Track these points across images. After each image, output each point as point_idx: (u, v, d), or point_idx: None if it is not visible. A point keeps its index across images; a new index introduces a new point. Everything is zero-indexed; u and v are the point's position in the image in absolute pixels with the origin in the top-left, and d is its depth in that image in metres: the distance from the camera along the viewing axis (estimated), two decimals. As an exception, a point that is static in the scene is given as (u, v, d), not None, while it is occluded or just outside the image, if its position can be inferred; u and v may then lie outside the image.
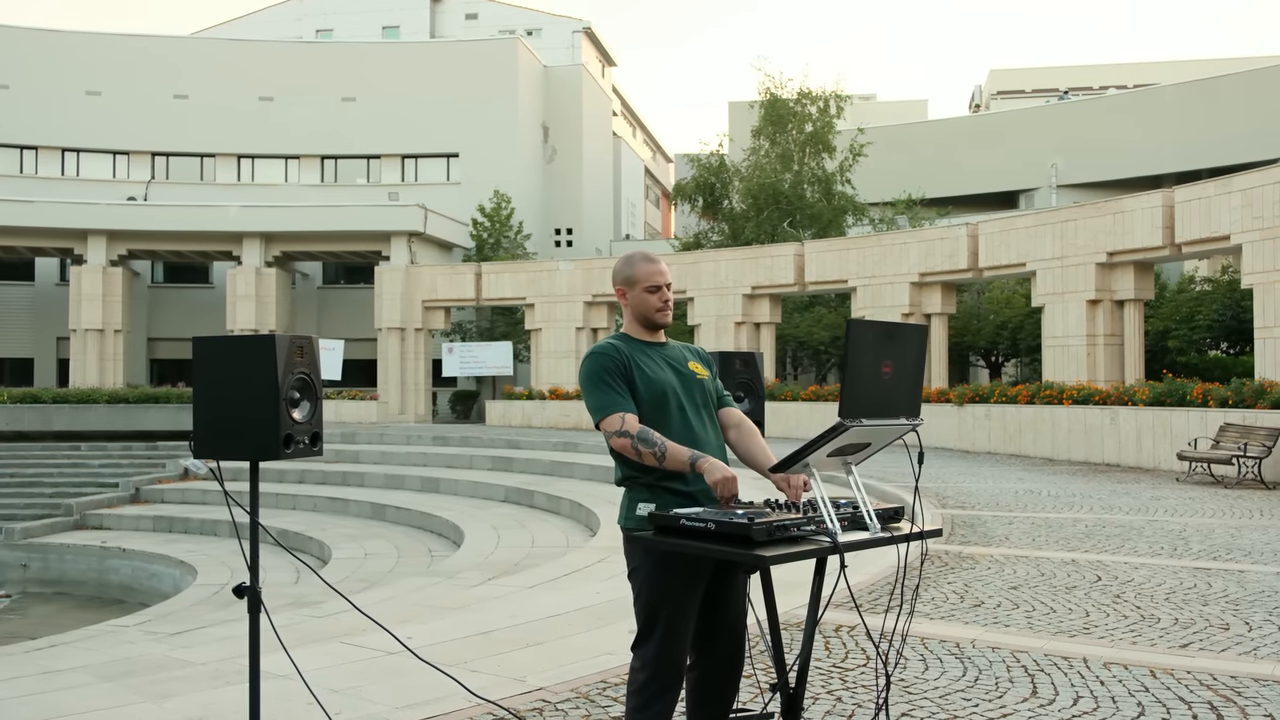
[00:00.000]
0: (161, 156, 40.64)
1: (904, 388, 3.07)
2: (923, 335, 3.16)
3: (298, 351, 3.59)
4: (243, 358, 3.58)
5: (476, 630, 6.45)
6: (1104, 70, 56.87)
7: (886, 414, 3.01)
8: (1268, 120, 35.98)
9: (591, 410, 3.41)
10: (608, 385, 3.38)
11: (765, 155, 36.64)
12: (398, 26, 51.32)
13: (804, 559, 2.86)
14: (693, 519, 2.98)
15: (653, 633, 3.33)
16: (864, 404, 2.91)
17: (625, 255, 3.70)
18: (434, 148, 40.40)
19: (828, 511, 2.90)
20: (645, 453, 3.26)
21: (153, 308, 38.65)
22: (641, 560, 3.35)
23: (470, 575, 11.13)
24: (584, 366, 3.47)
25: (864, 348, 2.94)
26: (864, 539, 2.97)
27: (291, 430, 3.57)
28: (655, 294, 3.56)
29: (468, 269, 33.27)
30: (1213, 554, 8.61)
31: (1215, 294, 24.57)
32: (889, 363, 2.98)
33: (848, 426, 2.87)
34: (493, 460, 21.54)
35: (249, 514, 3.54)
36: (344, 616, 8.35)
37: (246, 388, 3.54)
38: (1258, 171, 19.49)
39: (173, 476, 23.91)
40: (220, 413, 3.58)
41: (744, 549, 2.79)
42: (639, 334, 3.61)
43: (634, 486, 3.43)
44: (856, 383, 2.91)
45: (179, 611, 12.76)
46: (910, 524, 3.13)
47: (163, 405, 28.68)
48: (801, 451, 2.98)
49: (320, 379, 3.71)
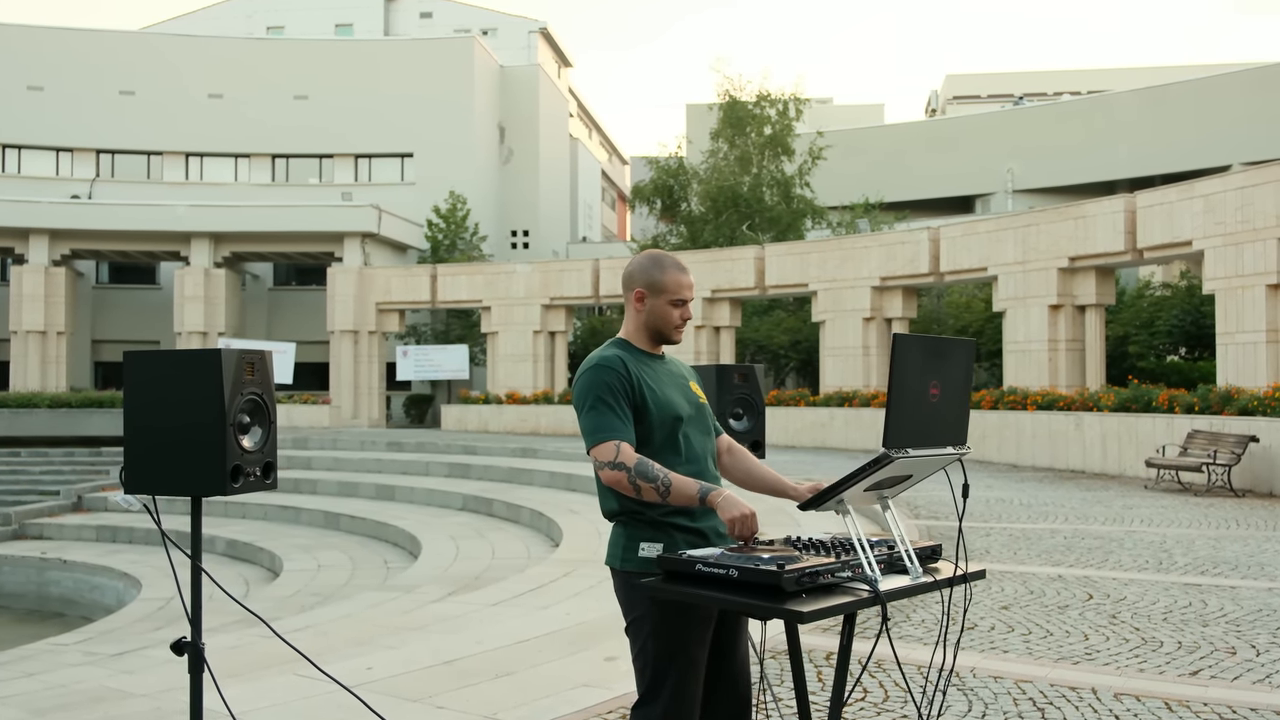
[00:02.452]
0: (107, 154, 39.65)
1: (952, 412, 2.71)
2: (971, 352, 2.81)
3: (247, 368, 3.08)
4: (183, 376, 3.09)
5: (441, 658, 6.03)
6: (1058, 76, 57.31)
7: (933, 442, 2.65)
8: (1219, 128, 36.33)
9: (583, 433, 2.98)
10: (607, 406, 2.94)
11: (724, 158, 36.43)
12: (351, 25, 50.56)
13: (844, 613, 2.48)
14: (710, 564, 2.57)
15: (660, 693, 2.89)
16: (910, 431, 2.55)
17: (653, 255, 3.21)
18: (388, 147, 39.75)
19: (866, 556, 2.54)
20: (645, 488, 2.83)
21: (97, 309, 37.65)
22: (646, 609, 2.88)
23: (429, 590, 10.71)
24: (581, 380, 3.02)
25: (911, 368, 2.56)
26: (906, 586, 2.61)
27: (241, 460, 3.09)
28: (679, 309, 3.14)
29: (423, 271, 32.71)
30: (1199, 568, 8.39)
31: (1174, 299, 24.62)
32: (936, 384, 2.62)
33: (893, 458, 2.51)
34: (449, 467, 21.05)
35: (190, 558, 3.09)
36: (299, 637, 7.91)
37: (187, 411, 3.04)
38: (1219, 177, 19.50)
39: (116, 484, 23.15)
40: (156, 441, 3.07)
41: (773, 601, 2.41)
42: (643, 344, 3.17)
43: (634, 523, 2.97)
44: (902, 407, 2.54)
45: (121, 628, 12.20)
46: (957, 565, 2.77)
47: (107, 410, 27.87)
48: (838, 486, 2.62)
49: (274, 400, 3.22)
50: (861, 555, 2.54)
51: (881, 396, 23.65)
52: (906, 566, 2.67)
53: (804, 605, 2.38)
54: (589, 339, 34.74)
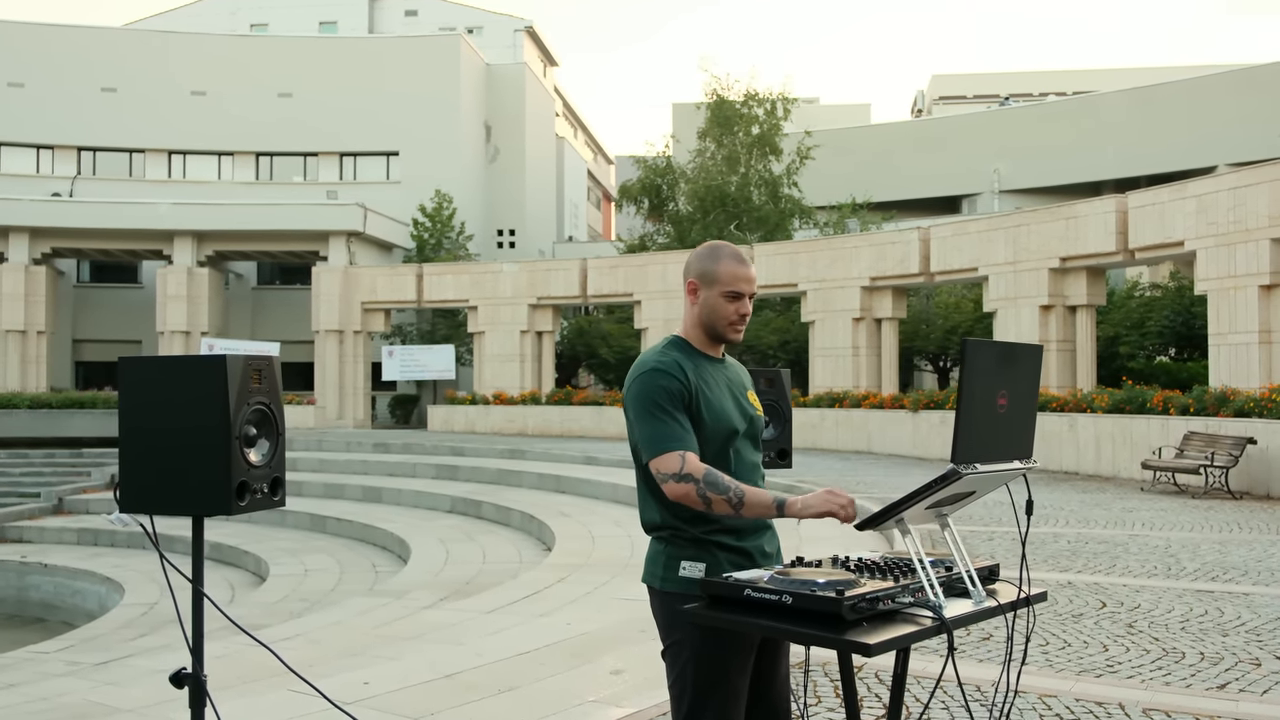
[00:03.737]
0: (88, 151, 39.23)
1: (1020, 423, 2.53)
2: (1039, 359, 2.62)
3: (254, 375, 2.84)
4: (183, 384, 2.83)
5: (440, 671, 5.82)
6: (1044, 77, 57.38)
7: (1000, 455, 2.46)
8: (1207, 129, 36.37)
9: (642, 443, 2.74)
10: (666, 414, 2.71)
11: (711, 157, 36.26)
12: (335, 22, 50.19)
13: (910, 644, 2.29)
14: (761, 589, 2.36)
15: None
16: (978, 445, 2.36)
17: (710, 245, 2.96)
18: (373, 146, 39.44)
19: (929, 579, 2.35)
20: (716, 500, 2.60)
21: (78, 308, 37.23)
22: (687, 634, 2.67)
23: (420, 595, 10.49)
24: (636, 384, 2.78)
25: (981, 376, 2.36)
26: (970, 612, 2.42)
27: (247, 476, 2.83)
28: (734, 302, 2.87)
29: (409, 270, 32.43)
30: (1209, 574, 8.24)
31: (1165, 300, 24.58)
32: (1004, 393, 2.43)
33: (962, 474, 2.32)
34: (437, 468, 20.81)
35: (191, 582, 2.86)
36: (286, 647, 7.69)
37: (188, 422, 2.79)
38: (1212, 178, 19.43)
39: (99, 485, 22.83)
40: (154, 455, 2.82)
41: (832, 631, 2.20)
42: (701, 343, 2.92)
43: (675, 540, 2.75)
44: (972, 418, 2.34)
45: (104, 635, 11.94)
46: (1020, 589, 2.58)
47: (89, 410, 27.51)
48: (899, 504, 2.43)
49: (282, 410, 2.97)
50: (924, 578, 2.35)
51: (873, 397, 23.52)
52: (968, 589, 2.49)
53: (867, 635, 2.18)
54: (576, 339, 34.53)
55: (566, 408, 28.62)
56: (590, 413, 28.12)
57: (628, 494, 16.28)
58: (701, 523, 2.72)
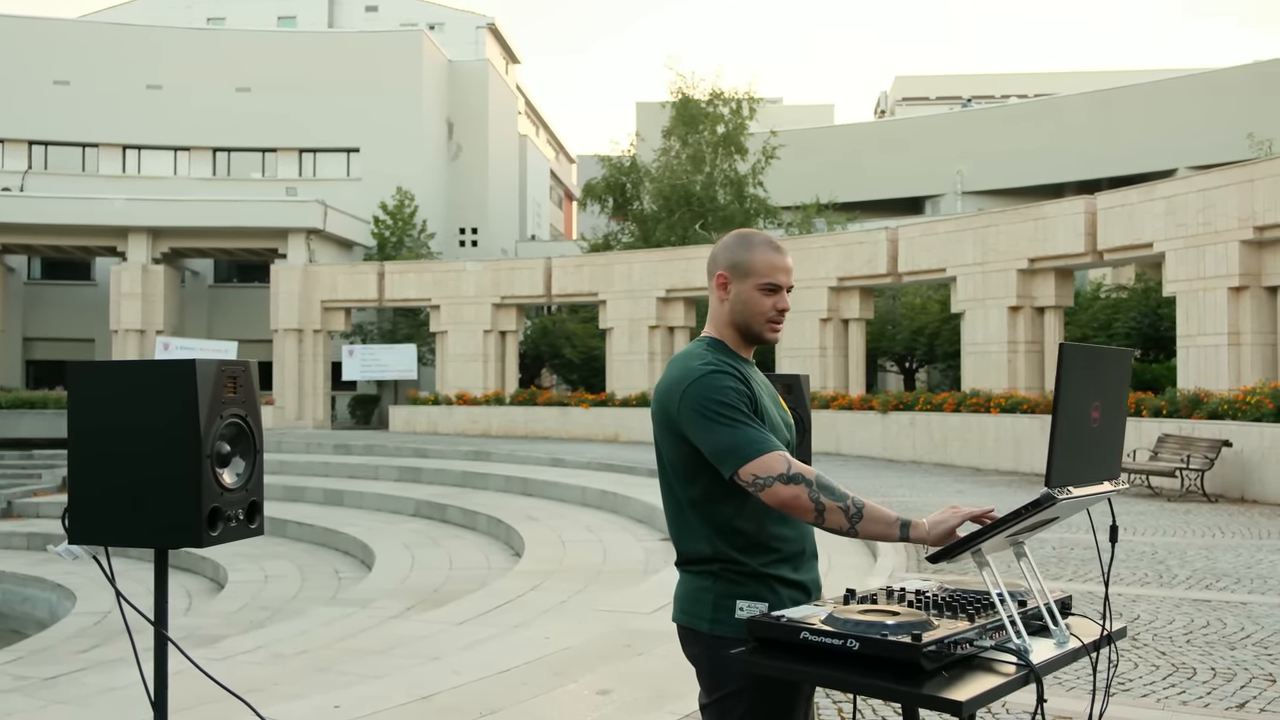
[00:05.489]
0: (40, 145, 38.33)
1: (1112, 438, 2.25)
2: (1129, 364, 2.34)
3: (228, 383, 2.42)
4: (145, 394, 2.39)
5: (416, 693, 5.47)
6: (1005, 79, 57.70)
7: (1093, 476, 2.18)
8: (1167, 131, 36.64)
9: (723, 451, 2.33)
10: (743, 414, 2.35)
11: (676, 156, 36.02)
12: (294, 17, 49.39)
13: (1001, 697, 1.99)
14: (821, 632, 2.03)
15: None
16: (1073, 465, 2.08)
17: (740, 234, 2.59)
18: (333, 142, 38.81)
19: (1013, 619, 2.06)
20: (830, 508, 2.25)
21: (29, 306, 36.32)
22: (742, 686, 2.31)
23: (387, 604, 10.15)
24: (693, 390, 2.38)
25: (1078, 386, 2.06)
26: (1058, 656, 2.13)
27: (220, 501, 2.42)
28: (772, 296, 2.51)
29: (370, 268, 31.91)
30: (1201, 581, 8.07)
31: (1131, 301, 24.62)
32: (1097, 404, 2.15)
33: (1058, 499, 2.04)
34: (400, 470, 20.38)
35: (153, 625, 2.50)
36: (248, 662, 7.32)
37: (150, 439, 2.37)
38: (1181, 180, 19.44)
39: (50, 488, 22.19)
40: (110, 477, 2.39)
41: (909, 684, 1.89)
42: (736, 345, 2.55)
43: (730, 575, 2.39)
44: (1070, 436, 2.06)
45: (54, 646, 11.45)
46: (1104, 625, 2.30)
47: (39, 411, 26.82)
48: (981, 534, 2.14)
49: (260, 423, 2.58)
50: (1005, 617, 2.07)
51: (841, 399, 23.35)
52: (1048, 626, 2.21)
53: (951, 688, 1.87)
54: (540, 339, 34.16)
55: (531, 408, 28.25)
56: (555, 413, 27.77)
57: (597, 497, 15.96)
58: (761, 552, 2.39)
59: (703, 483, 2.42)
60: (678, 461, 2.45)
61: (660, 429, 2.49)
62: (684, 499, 2.45)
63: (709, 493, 2.42)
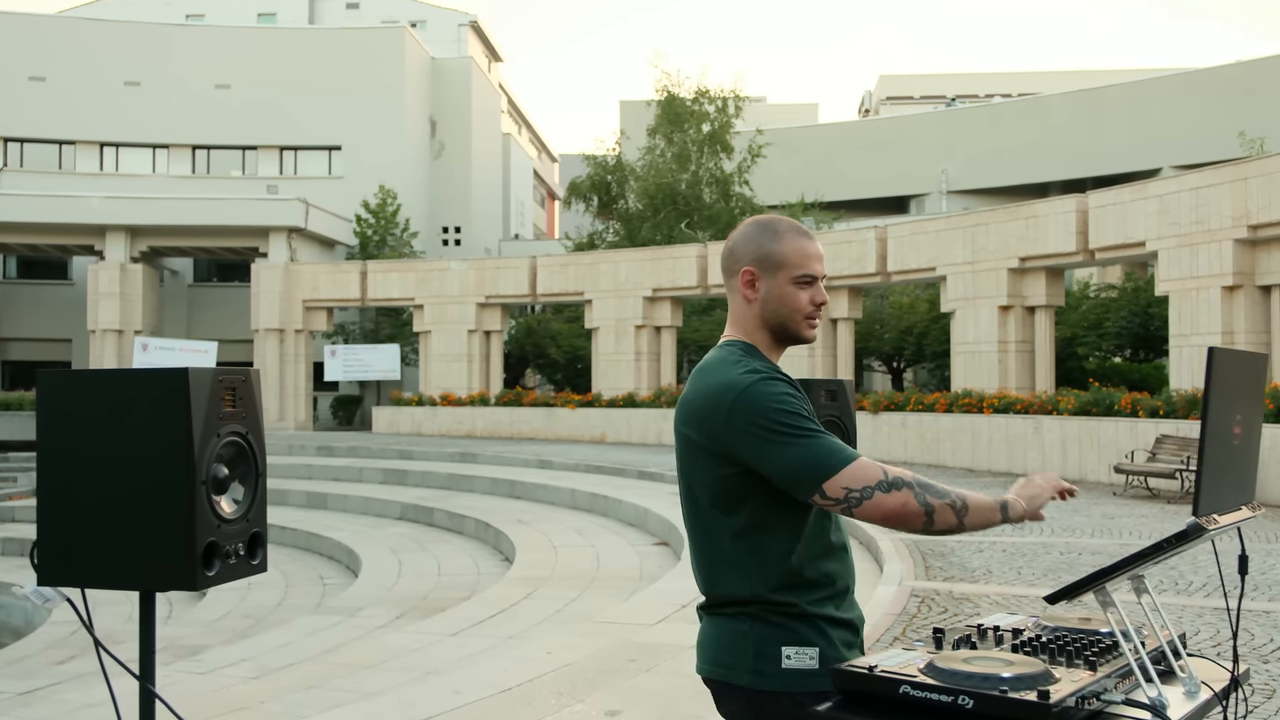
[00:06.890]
0: (15, 143, 37.81)
1: (1249, 456, 2.00)
2: (1264, 370, 2.09)
3: (226, 395, 2.05)
4: (128, 408, 1.99)
5: (413, 716, 5.19)
6: (990, 78, 57.68)
7: (1234, 501, 1.93)
8: (1151, 131, 36.61)
9: (803, 468, 2.01)
10: (813, 424, 2.06)
11: (661, 155, 35.78)
12: (274, 14, 48.88)
13: None
14: (924, 686, 1.72)
15: None
16: (1220, 489, 1.83)
17: (761, 222, 2.27)
18: (315, 139, 38.39)
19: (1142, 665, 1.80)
20: (939, 508, 1.98)
21: (4, 305, 35.80)
22: None
23: (375, 613, 9.86)
24: (747, 400, 2.06)
25: (1226, 398, 1.82)
26: (1194, 709, 1.85)
27: (217, 535, 2.05)
28: (808, 289, 2.21)
29: (352, 267, 31.52)
30: (1219, 589, 7.87)
31: (1121, 301, 24.51)
32: (1240, 418, 1.90)
33: (1207, 530, 1.79)
34: (384, 473, 20.05)
35: (138, 680, 2.13)
36: (233, 677, 7.03)
37: (135, 462, 1.99)
38: (1174, 178, 19.30)
39: (25, 492, 21.76)
40: (87, 507, 2.00)
41: None
42: (768, 349, 2.24)
43: (771, 617, 2.08)
44: (1216, 455, 1.80)
45: (30, 656, 11.09)
46: (1234, 669, 2.05)
47: (14, 413, 26.36)
48: (1111, 570, 1.89)
49: (263, 442, 2.20)
50: (1134, 662, 1.81)
51: (830, 399, 23.12)
52: (1174, 669, 1.95)
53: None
54: (524, 339, 33.86)
55: (516, 409, 27.94)
56: (541, 414, 27.48)
57: (586, 500, 15.69)
58: (810, 589, 2.09)
59: (748, 510, 2.11)
60: (717, 488, 2.13)
61: (692, 452, 2.16)
62: (724, 531, 2.14)
63: (756, 521, 2.11)
